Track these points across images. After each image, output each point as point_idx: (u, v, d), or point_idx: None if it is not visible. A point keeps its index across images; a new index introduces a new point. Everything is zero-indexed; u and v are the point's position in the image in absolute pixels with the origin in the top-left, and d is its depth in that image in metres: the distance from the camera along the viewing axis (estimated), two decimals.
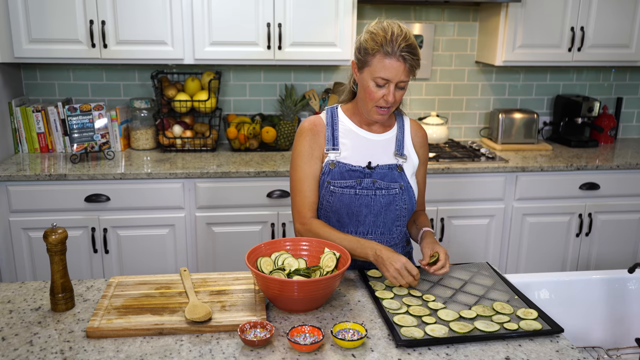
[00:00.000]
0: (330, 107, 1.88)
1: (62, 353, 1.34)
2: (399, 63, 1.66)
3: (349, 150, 1.81)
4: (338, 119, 1.84)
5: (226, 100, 3.52)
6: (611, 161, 3.26)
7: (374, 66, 1.68)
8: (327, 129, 1.82)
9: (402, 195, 1.81)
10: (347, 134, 1.82)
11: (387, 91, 1.69)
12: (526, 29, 3.27)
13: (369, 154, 1.81)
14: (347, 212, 1.79)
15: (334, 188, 1.78)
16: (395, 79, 1.68)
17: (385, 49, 1.65)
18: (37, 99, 3.39)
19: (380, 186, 1.79)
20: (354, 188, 1.78)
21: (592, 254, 3.35)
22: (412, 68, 1.69)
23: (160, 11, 3.00)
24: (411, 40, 1.67)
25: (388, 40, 1.65)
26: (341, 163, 1.79)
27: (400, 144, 1.84)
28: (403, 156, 1.83)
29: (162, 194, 2.92)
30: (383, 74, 1.67)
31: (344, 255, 1.61)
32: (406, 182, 1.82)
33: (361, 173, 1.78)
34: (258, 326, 1.40)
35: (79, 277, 2.94)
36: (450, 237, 3.20)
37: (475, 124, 3.76)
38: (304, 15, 3.08)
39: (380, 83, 1.69)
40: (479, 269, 1.79)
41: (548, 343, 1.41)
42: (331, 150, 1.80)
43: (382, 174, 1.79)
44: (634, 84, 3.83)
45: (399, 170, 1.81)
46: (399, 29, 1.67)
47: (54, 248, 1.49)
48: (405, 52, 1.65)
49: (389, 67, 1.66)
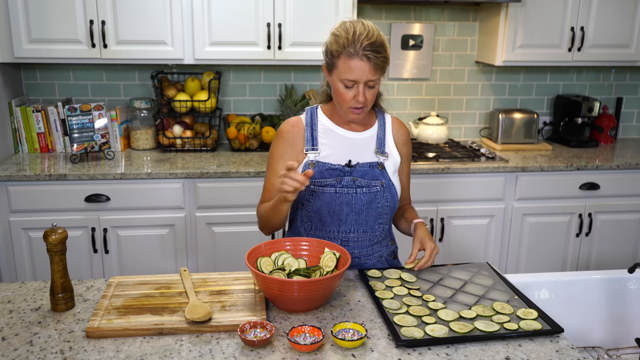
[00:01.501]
0: (311, 107, 1.88)
1: (62, 353, 1.34)
2: (362, 63, 1.64)
3: (328, 149, 1.80)
4: (317, 119, 1.83)
5: (226, 100, 3.52)
6: (611, 161, 3.26)
7: (340, 68, 1.67)
8: (307, 130, 1.81)
9: (383, 193, 1.80)
10: (327, 133, 1.82)
11: (357, 92, 1.68)
12: (526, 29, 3.27)
13: (349, 153, 1.80)
14: (328, 211, 1.78)
15: (314, 187, 1.78)
16: (362, 79, 1.66)
17: (348, 50, 1.64)
18: (37, 99, 3.39)
19: (361, 184, 1.78)
20: (334, 187, 1.77)
21: (592, 254, 3.35)
22: (379, 66, 1.66)
23: (160, 11, 3.00)
24: (375, 37, 1.65)
25: (350, 41, 1.64)
26: (320, 162, 1.78)
27: (381, 141, 1.84)
28: (384, 154, 1.83)
29: (162, 194, 2.92)
30: (349, 76, 1.66)
31: (344, 255, 1.61)
32: (387, 179, 1.81)
33: (341, 171, 1.78)
34: (258, 326, 1.40)
35: (79, 277, 2.94)
36: (450, 237, 3.20)
37: (475, 124, 3.76)
38: (304, 15, 3.08)
39: (348, 84, 1.68)
40: (479, 269, 1.79)
41: (548, 343, 1.41)
42: (310, 150, 1.79)
43: (362, 172, 1.79)
44: (634, 84, 3.83)
45: (380, 168, 1.81)
46: (362, 28, 1.65)
47: (54, 248, 1.49)
48: (368, 51, 1.63)
49: (353, 68, 1.65)
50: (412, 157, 3.17)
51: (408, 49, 3.54)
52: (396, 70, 3.58)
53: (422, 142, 3.50)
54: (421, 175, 3.08)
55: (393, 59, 3.54)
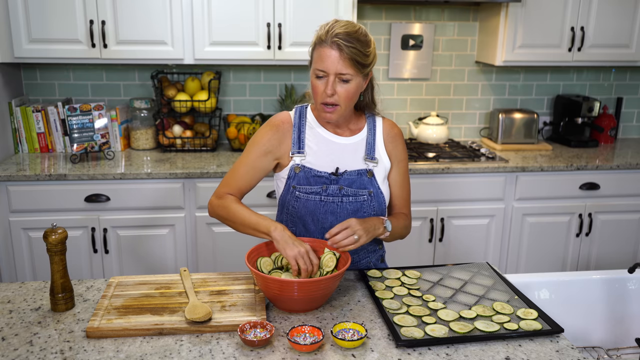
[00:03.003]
0: (300, 106, 1.80)
1: (62, 353, 1.34)
2: (332, 51, 1.57)
3: (314, 154, 1.73)
4: (306, 119, 1.76)
5: (226, 100, 3.52)
6: (611, 161, 3.26)
7: (314, 59, 1.63)
8: (294, 130, 1.74)
9: (370, 202, 1.74)
10: (314, 136, 1.74)
11: (326, 83, 1.60)
12: (526, 29, 3.27)
13: (336, 159, 1.73)
14: (312, 218, 1.73)
15: (299, 194, 1.72)
16: (331, 70, 1.58)
17: (321, 39, 1.60)
18: (37, 99, 3.39)
19: (348, 193, 1.72)
20: (319, 194, 1.71)
21: (592, 254, 3.35)
22: (351, 59, 1.57)
23: (160, 11, 3.00)
24: (351, 29, 1.59)
25: (325, 31, 1.60)
26: (306, 168, 1.72)
27: (370, 147, 1.76)
28: (374, 160, 1.75)
29: (162, 194, 2.92)
30: (319, 65, 1.60)
31: (344, 256, 1.61)
32: (376, 188, 1.74)
33: (327, 179, 1.71)
34: (258, 326, 1.40)
35: (79, 277, 2.94)
36: (450, 237, 3.20)
37: (475, 124, 3.76)
38: (304, 15, 3.08)
39: (319, 74, 1.61)
40: (479, 269, 1.79)
41: (548, 343, 1.41)
42: (297, 153, 1.72)
43: (350, 181, 1.72)
44: (634, 84, 3.83)
45: (369, 175, 1.73)
46: (342, 21, 1.61)
47: (54, 248, 1.49)
48: (340, 38, 1.56)
49: (323, 57, 1.58)
50: (412, 157, 3.17)
51: (408, 49, 3.54)
52: (396, 70, 3.58)
53: (422, 142, 3.50)
54: (421, 175, 3.08)
55: (393, 59, 3.54)
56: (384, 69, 3.58)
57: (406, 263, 3.07)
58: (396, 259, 2.82)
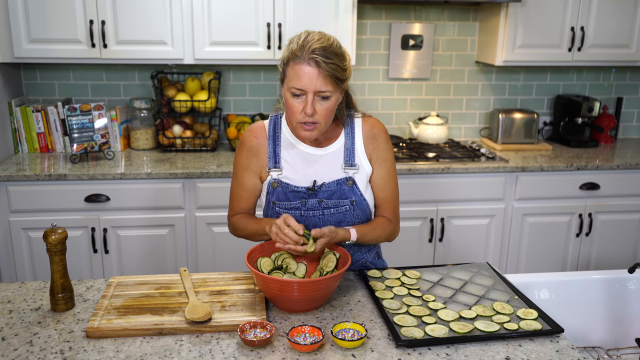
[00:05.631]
0: (275, 115, 1.73)
1: (62, 353, 1.34)
2: (310, 68, 1.49)
3: (291, 168, 1.68)
4: (280, 131, 1.71)
5: (226, 100, 3.52)
6: (611, 161, 3.26)
7: (288, 76, 1.53)
8: (269, 144, 1.69)
9: (353, 211, 1.69)
10: (289, 149, 1.69)
11: (305, 102, 1.52)
12: (526, 29, 3.27)
13: (313, 172, 1.67)
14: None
15: (279, 209, 1.69)
16: (310, 88, 1.50)
17: (296, 55, 1.51)
18: (37, 99, 3.39)
19: (328, 205, 1.67)
20: (299, 209, 1.67)
21: (592, 254, 3.35)
22: (330, 75, 1.50)
23: (160, 11, 3.00)
24: (328, 43, 1.51)
25: (299, 46, 1.51)
26: (283, 183, 1.68)
27: (349, 153, 1.68)
28: (354, 166, 1.68)
29: (162, 194, 2.92)
30: (296, 83, 1.51)
31: (344, 256, 1.61)
32: (358, 195, 1.69)
33: (305, 194, 1.67)
34: (258, 326, 1.40)
35: (79, 277, 2.94)
36: (450, 237, 3.20)
37: (475, 124, 3.76)
38: (304, 15, 3.08)
39: (296, 93, 1.53)
40: (479, 269, 1.79)
41: (548, 343, 1.41)
42: (273, 168, 1.68)
43: (329, 192, 1.67)
44: (634, 84, 3.83)
45: (349, 184, 1.67)
46: (316, 34, 1.53)
47: (54, 248, 1.49)
48: (317, 54, 1.48)
49: (300, 74, 1.50)
50: (412, 157, 3.17)
51: (408, 49, 3.54)
52: (396, 70, 3.57)
53: (422, 142, 3.50)
54: (421, 175, 3.08)
55: (393, 59, 3.54)
56: (384, 69, 3.58)
57: (406, 263, 3.07)
58: (396, 259, 2.82)
